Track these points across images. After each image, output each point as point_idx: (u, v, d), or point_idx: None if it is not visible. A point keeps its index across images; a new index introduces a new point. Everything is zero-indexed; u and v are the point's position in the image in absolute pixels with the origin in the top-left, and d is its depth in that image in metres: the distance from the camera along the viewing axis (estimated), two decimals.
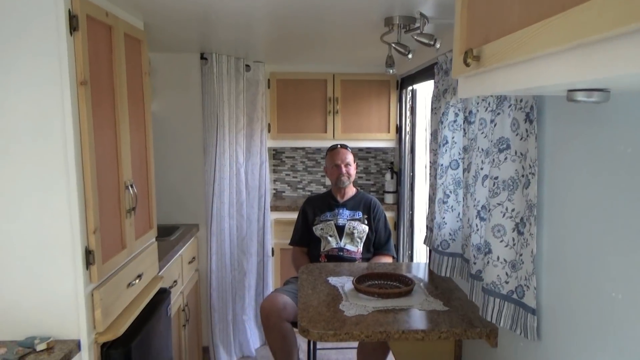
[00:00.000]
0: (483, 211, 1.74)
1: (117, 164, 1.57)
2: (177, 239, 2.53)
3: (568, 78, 0.64)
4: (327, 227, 2.90)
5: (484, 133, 1.74)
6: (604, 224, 1.15)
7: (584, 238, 1.24)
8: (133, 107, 1.70)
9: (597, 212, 1.18)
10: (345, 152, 3.00)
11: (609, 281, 1.13)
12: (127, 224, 1.62)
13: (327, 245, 2.86)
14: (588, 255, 1.22)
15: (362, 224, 2.92)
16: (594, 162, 1.19)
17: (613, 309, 1.11)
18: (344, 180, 2.93)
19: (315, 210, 2.99)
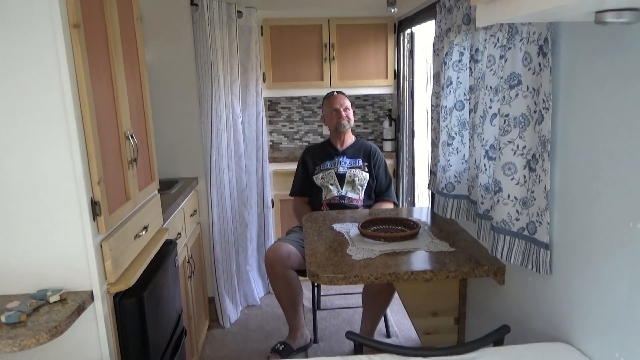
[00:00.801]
0: (492, 150, 1.72)
1: (116, 112, 1.51)
2: (177, 192, 2.50)
3: None
4: (327, 176, 2.88)
5: (492, 70, 1.69)
6: (622, 154, 1.13)
7: (600, 170, 1.23)
8: (127, 53, 1.62)
9: (614, 142, 1.16)
10: (343, 97, 2.95)
11: (627, 211, 1.12)
12: (129, 175, 1.58)
13: (329, 194, 2.84)
14: (604, 187, 1.21)
15: (362, 172, 2.89)
16: (613, 91, 1.16)
17: (631, 238, 1.11)
18: (344, 124, 2.88)
19: (315, 159, 2.95)
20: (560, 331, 1.41)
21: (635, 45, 1.07)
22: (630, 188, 1.11)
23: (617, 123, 1.15)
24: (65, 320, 1.19)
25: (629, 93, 1.10)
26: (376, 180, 2.91)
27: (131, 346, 1.49)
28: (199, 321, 2.67)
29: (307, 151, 3.04)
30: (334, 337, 2.85)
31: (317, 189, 2.89)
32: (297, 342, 2.68)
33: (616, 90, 1.15)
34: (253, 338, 2.86)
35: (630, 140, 1.11)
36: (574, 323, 1.35)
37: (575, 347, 1.32)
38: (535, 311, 1.57)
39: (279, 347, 2.64)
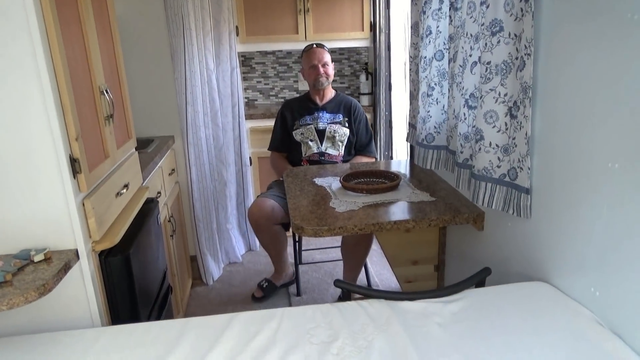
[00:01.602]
0: (472, 99, 1.73)
1: (89, 66, 1.45)
2: (154, 151, 2.44)
3: None
4: (307, 132, 2.83)
5: (472, 17, 1.67)
6: (601, 96, 1.16)
7: (579, 114, 1.25)
8: (96, 4, 1.54)
9: (594, 85, 1.18)
10: (322, 51, 2.84)
11: (605, 152, 1.16)
12: (107, 132, 1.53)
13: (308, 150, 2.82)
14: (584, 130, 1.23)
15: (342, 127, 2.86)
16: (594, 34, 1.17)
17: (608, 178, 1.15)
18: (323, 82, 2.81)
19: (294, 114, 2.88)
20: (539, 271, 1.47)
21: None
22: (609, 129, 1.14)
23: (596, 67, 1.17)
24: (52, 279, 1.17)
25: (609, 35, 1.11)
26: (356, 136, 2.89)
27: (119, 303, 1.49)
28: (182, 279, 2.68)
29: (285, 105, 2.96)
30: (316, 289, 2.91)
31: (297, 144, 2.85)
32: (281, 280, 2.90)
33: (595, 33, 1.16)
34: (236, 293, 2.90)
35: (608, 83, 1.13)
36: (552, 263, 1.41)
37: (553, 285, 1.39)
38: (515, 254, 1.63)
39: (263, 284, 2.86)
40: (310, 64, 2.82)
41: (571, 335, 1.15)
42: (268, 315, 1.27)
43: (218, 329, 1.20)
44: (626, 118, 1.08)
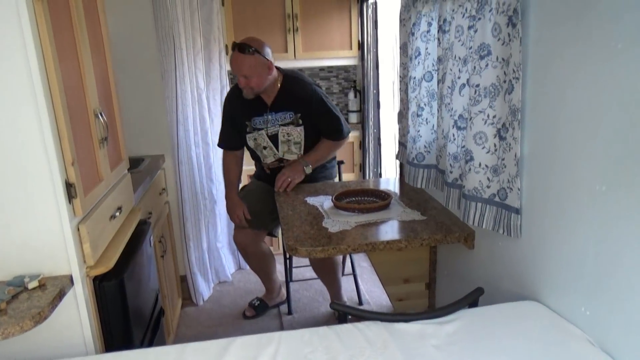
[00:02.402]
0: (461, 120, 1.77)
1: (84, 90, 1.45)
2: (145, 170, 2.44)
3: None
4: (260, 138, 2.47)
5: (460, 41, 1.72)
6: (587, 120, 1.20)
7: (567, 137, 1.29)
8: (90, 28, 1.55)
9: (580, 109, 1.22)
10: (242, 59, 2.25)
11: (592, 174, 1.19)
12: (101, 154, 1.53)
13: (266, 159, 2.53)
14: (572, 152, 1.27)
15: (296, 127, 2.44)
16: (579, 60, 1.21)
17: (597, 201, 1.18)
18: (247, 94, 2.34)
19: (243, 111, 2.45)
20: (530, 290, 1.50)
21: (596, 20, 1.12)
22: (596, 152, 1.18)
23: (583, 91, 1.21)
24: (47, 306, 1.16)
25: (594, 61, 1.15)
26: (321, 126, 2.50)
27: (113, 328, 1.48)
28: (172, 300, 2.66)
29: (231, 98, 2.50)
30: (307, 308, 2.91)
31: (252, 148, 2.55)
32: (273, 300, 2.87)
33: (580, 59, 1.20)
34: (227, 314, 2.88)
35: (595, 107, 1.17)
36: (542, 282, 1.44)
37: (545, 305, 1.41)
38: (505, 273, 1.66)
39: (255, 303, 2.82)
40: (236, 74, 2.34)
41: (563, 355, 1.17)
42: (265, 339, 1.27)
43: (215, 355, 1.20)
44: (612, 141, 1.12)
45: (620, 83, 1.09)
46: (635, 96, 1.05)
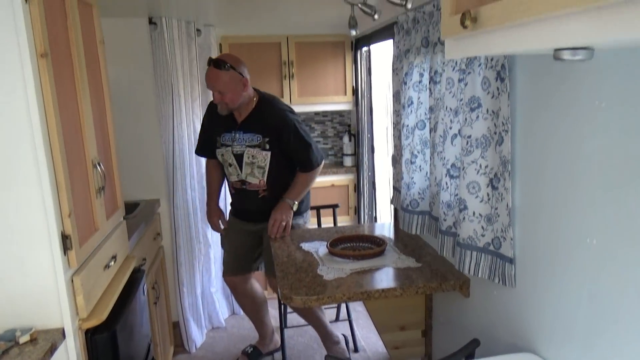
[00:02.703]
0: (453, 169, 1.80)
1: (82, 141, 1.47)
2: (140, 216, 2.44)
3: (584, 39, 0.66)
4: (226, 155, 2.45)
5: (451, 92, 1.77)
6: (578, 173, 1.23)
7: (557, 189, 1.31)
8: (91, 78, 1.59)
9: (571, 162, 1.25)
10: (217, 75, 2.26)
11: (583, 228, 1.21)
12: (97, 204, 1.54)
13: (230, 177, 2.50)
14: (562, 204, 1.29)
15: (262, 151, 2.38)
16: (565, 116, 1.26)
17: (588, 253, 1.20)
18: (221, 110, 2.35)
19: (216, 126, 2.47)
20: (526, 341, 1.49)
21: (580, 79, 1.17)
22: (585, 206, 1.20)
23: (569, 146, 1.24)
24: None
25: (579, 118, 1.19)
26: (292, 154, 2.44)
27: None
28: (164, 348, 2.60)
29: (209, 110, 2.53)
30: (302, 355, 2.85)
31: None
32: (267, 347, 2.82)
33: (567, 115, 1.24)
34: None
35: (581, 162, 1.20)
36: (538, 333, 1.43)
37: (541, 357, 1.40)
38: (501, 323, 1.65)
39: (248, 350, 2.78)
40: (208, 88, 2.36)
41: None
42: None
43: None
44: (600, 197, 1.15)
45: (605, 140, 1.12)
46: (619, 154, 1.08)
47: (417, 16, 2.03)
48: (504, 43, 0.86)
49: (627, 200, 1.06)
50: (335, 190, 3.63)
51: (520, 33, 0.80)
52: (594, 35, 0.66)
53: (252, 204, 2.52)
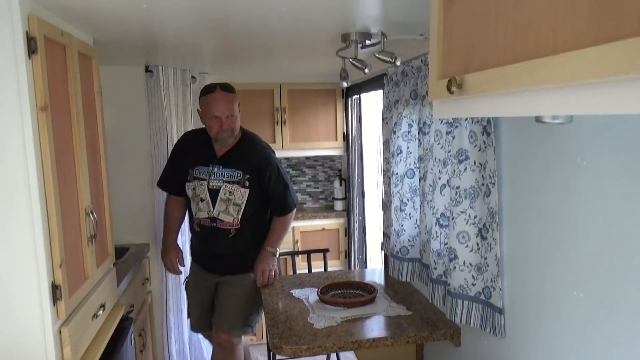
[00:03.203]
0: (442, 218, 1.83)
1: (77, 190, 1.49)
2: (129, 261, 2.42)
3: (562, 111, 0.70)
4: (199, 189, 2.32)
5: (440, 144, 1.83)
6: (563, 227, 1.26)
7: (544, 241, 1.35)
8: (88, 128, 1.62)
9: (555, 216, 1.29)
10: (228, 98, 2.22)
11: (570, 281, 1.23)
12: (88, 252, 1.54)
13: (199, 212, 2.35)
14: (549, 257, 1.32)
15: (241, 188, 2.29)
16: (550, 171, 1.30)
17: (576, 307, 1.22)
18: (226, 138, 2.24)
19: (190, 158, 2.36)
20: None
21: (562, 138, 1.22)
22: (571, 260, 1.23)
23: (553, 200, 1.28)
24: None
25: (562, 174, 1.24)
26: (270, 196, 2.40)
27: None
28: None
29: (185, 141, 2.45)
30: None
31: (188, 198, 2.39)
32: None
33: (550, 170, 1.29)
34: None
35: (565, 216, 1.24)
36: None
37: None
38: None
39: None
40: (212, 114, 2.20)
41: None
42: None
43: None
44: (585, 250, 1.18)
45: (587, 196, 1.16)
46: (602, 210, 1.12)
47: (405, 70, 2.12)
48: (487, 109, 0.91)
49: (611, 254, 1.10)
50: (325, 234, 3.64)
51: (503, 101, 0.85)
52: (569, 110, 0.71)
53: (219, 244, 2.37)
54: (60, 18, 1.44)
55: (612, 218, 1.09)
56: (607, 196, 1.11)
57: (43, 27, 1.24)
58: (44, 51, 1.24)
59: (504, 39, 0.81)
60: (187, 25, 1.71)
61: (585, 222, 1.17)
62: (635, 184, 1.02)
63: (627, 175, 1.05)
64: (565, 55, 0.65)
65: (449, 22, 1.01)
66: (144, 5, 1.37)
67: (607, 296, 1.12)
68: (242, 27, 1.75)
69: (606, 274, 1.11)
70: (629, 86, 0.58)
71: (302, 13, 1.54)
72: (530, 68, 0.72)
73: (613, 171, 1.09)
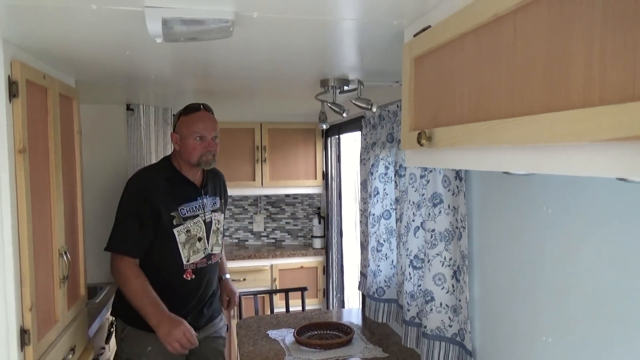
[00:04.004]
0: (416, 260, 1.86)
1: (51, 231, 1.48)
2: (102, 300, 2.37)
3: (522, 169, 0.75)
4: (195, 228, 1.99)
5: (414, 187, 1.87)
6: (530, 272, 1.30)
7: (512, 285, 1.38)
8: (66, 168, 1.62)
9: (523, 261, 1.33)
10: (213, 118, 2.02)
11: (539, 325, 1.26)
12: (60, 294, 1.51)
13: (194, 256, 1.99)
14: (518, 301, 1.35)
15: (222, 214, 2.18)
16: (518, 218, 1.35)
17: (545, 353, 1.24)
18: (211, 160, 1.98)
19: (168, 197, 1.94)
20: None
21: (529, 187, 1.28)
22: (539, 305, 1.26)
23: (521, 246, 1.33)
24: None
25: (530, 221, 1.29)
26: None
27: None
28: None
29: (147, 183, 1.96)
30: None
31: (171, 248, 1.93)
32: None
33: (519, 217, 1.34)
34: None
35: (532, 262, 1.28)
36: None
37: None
38: None
39: None
40: (198, 133, 1.92)
41: None
42: None
43: None
44: (552, 296, 1.22)
45: (554, 242, 1.21)
46: (568, 255, 1.16)
47: (382, 113, 2.19)
48: (455, 161, 0.96)
49: (577, 299, 1.13)
50: (304, 272, 3.63)
51: (469, 156, 0.90)
52: (529, 169, 0.75)
53: (212, 282, 2.10)
54: (43, 62, 1.46)
55: (577, 264, 1.13)
56: (573, 243, 1.15)
57: (25, 71, 1.26)
58: (25, 95, 1.26)
59: (469, 99, 0.87)
60: (168, 70, 1.75)
61: (552, 268, 1.21)
62: (598, 230, 1.07)
63: (590, 222, 1.09)
64: (521, 119, 0.70)
65: (419, 78, 1.07)
66: (127, 52, 1.41)
67: (574, 341, 1.14)
68: (222, 74, 1.80)
69: (573, 318, 1.15)
70: (579, 152, 0.62)
71: (281, 61, 1.60)
72: (492, 127, 0.77)
73: (577, 219, 1.14)
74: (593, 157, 0.59)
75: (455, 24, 0.88)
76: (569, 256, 1.16)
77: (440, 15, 0.97)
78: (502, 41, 0.75)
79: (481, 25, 0.80)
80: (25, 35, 1.22)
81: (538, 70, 0.67)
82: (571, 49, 0.62)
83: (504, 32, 0.75)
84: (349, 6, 1.04)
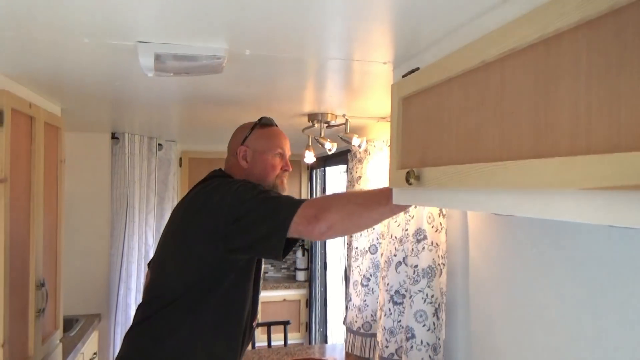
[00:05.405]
0: (397, 296, 1.84)
1: (29, 263, 1.43)
2: (78, 334, 2.29)
3: (513, 212, 0.76)
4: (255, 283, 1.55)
5: (396, 222, 1.88)
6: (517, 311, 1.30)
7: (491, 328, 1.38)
8: (48, 197, 1.59)
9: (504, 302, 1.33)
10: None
11: None
12: (35, 328, 1.46)
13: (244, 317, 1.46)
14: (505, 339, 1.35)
15: None
16: (500, 257, 1.36)
17: None
18: (284, 185, 1.66)
19: None
20: None
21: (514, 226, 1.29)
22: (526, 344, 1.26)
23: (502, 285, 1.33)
24: None
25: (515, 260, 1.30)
26: None
27: None
28: None
29: None
30: None
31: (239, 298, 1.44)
32: None
33: (503, 255, 1.35)
34: None
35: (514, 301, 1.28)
36: None
37: None
38: None
39: None
40: (280, 148, 1.59)
41: None
42: None
43: None
44: (537, 334, 1.21)
45: (540, 279, 1.22)
46: (554, 300, 1.17)
47: (368, 148, 2.21)
48: (445, 201, 0.97)
49: (559, 340, 1.13)
50: (286, 305, 3.58)
51: (456, 197, 0.90)
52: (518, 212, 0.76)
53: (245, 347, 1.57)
54: (29, 90, 1.45)
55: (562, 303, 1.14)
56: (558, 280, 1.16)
57: (11, 100, 1.25)
58: (10, 124, 1.24)
59: (456, 141, 0.88)
60: (156, 101, 1.75)
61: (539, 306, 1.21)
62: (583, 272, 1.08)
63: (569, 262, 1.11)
64: (511, 164, 0.71)
65: (408, 118, 1.09)
66: (117, 83, 1.41)
67: None
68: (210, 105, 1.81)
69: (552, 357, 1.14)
70: (567, 198, 0.63)
71: (269, 95, 1.61)
72: (481, 170, 0.78)
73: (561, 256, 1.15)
74: (580, 204, 0.61)
75: (444, 67, 0.90)
76: (555, 295, 1.16)
77: (429, 58, 1.00)
78: (490, 87, 0.78)
79: (469, 70, 0.83)
80: (14, 65, 1.22)
81: (525, 118, 0.69)
82: (558, 98, 0.64)
83: (491, 79, 0.77)
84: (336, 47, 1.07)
